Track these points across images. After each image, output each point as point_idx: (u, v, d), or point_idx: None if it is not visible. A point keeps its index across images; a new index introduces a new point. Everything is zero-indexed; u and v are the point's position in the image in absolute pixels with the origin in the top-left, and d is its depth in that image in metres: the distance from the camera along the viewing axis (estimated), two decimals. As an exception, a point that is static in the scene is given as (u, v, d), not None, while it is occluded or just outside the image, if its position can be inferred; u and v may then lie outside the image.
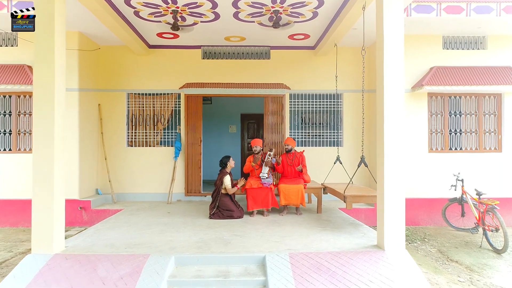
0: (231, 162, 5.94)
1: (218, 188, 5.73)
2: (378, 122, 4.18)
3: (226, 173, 5.79)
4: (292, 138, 6.34)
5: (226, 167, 5.88)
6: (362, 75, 7.67)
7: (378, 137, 4.17)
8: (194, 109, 7.67)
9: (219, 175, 5.83)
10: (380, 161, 4.09)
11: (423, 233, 6.38)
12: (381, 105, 4.10)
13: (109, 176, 7.46)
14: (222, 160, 5.91)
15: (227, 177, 5.73)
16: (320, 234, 4.76)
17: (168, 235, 4.72)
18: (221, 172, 5.86)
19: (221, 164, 5.89)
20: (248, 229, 5.05)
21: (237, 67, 7.80)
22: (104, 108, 7.65)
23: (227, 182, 5.72)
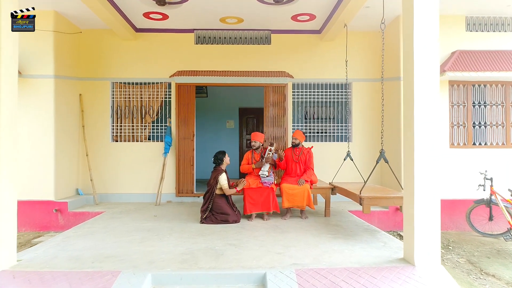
0: (226, 159, 5.15)
1: (211, 188, 4.94)
2: (406, 114, 3.39)
3: (222, 171, 5.00)
4: (301, 132, 5.53)
5: (221, 164, 5.09)
6: (379, 60, 6.92)
7: (406, 131, 3.38)
8: (186, 100, 6.88)
9: (213, 173, 5.04)
10: (409, 158, 3.30)
11: (446, 240, 5.59)
12: (410, 94, 3.30)
13: (90, 174, 6.67)
14: (217, 156, 5.12)
15: (223, 176, 4.95)
16: (331, 243, 3.97)
17: (149, 245, 3.93)
18: (216, 170, 5.07)
19: (216, 161, 5.10)
20: (245, 236, 4.26)
21: (234, 53, 7.01)
22: (85, 98, 6.86)
23: (224, 181, 4.94)
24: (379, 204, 4.07)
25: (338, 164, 6.06)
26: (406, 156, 3.38)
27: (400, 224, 6.15)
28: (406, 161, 3.36)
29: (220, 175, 4.93)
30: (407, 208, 3.31)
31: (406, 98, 3.38)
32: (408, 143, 3.32)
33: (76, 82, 6.74)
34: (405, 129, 3.41)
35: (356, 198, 4.32)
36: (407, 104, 3.37)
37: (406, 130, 3.38)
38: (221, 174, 4.95)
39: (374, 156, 6.94)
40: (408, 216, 3.31)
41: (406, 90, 3.41)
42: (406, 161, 3.36)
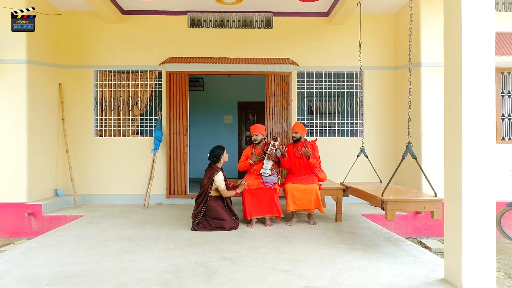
0: (224, 155, 4.42)
1: (206, 189, 4.21)
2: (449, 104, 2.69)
3: (218, 170, 4.28)
4: (302, 124, 4.82)
5: (218, 161, 4.37)
6: (392, 47, 6.10)
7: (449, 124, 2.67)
8: (178, 90, 6.15)
9: (208, 171, 4.32)
10: (453, 154, 2.60)
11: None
12: (455, 83, 2.60)
13: (71, 173, 5.94)
14: (214, 152, 4.38)
15: (219, 175, 4.22)
16: (349, 257, 3.25)
17: (126, 259, 3.21)
18: (210, 168, 4.34)
19: (212, 157, 4.37)
20: (244, 247, 3.54)
21: (232, 38, 6.28)
22: (66, 88, 6.13)
23: (220, 182, 4.21)
24: (406, 209, 3.36)
25: (348, 162, 5.35)
26: (448, 152, 2.67)
27: (420, 230, 5.43)
28: (449, 158, 2.65)
29: (215, 174, 4.21)
30: (451, 216, 2.59)
31: (450, 87, 2.68)
32: (453, 138, 2.61)
33: (55, 70, 6.01)
34: (447, 122, 2.71)
35: (376, 202, 3.60)
36: (451, 93, 2.66)
37: (449, 123, 2.67)
38: (217, 173, 4.22)
39: (388, 153, 6.24)
40: (452, 225, 2.58)
41: (449, 77, 2.70)
42: (449, 158, 2.65)
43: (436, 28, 5.50)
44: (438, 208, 3.27)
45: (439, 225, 5.40)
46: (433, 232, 5.38)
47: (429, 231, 5.38)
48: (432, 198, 3.29)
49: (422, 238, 5.32)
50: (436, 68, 5.52)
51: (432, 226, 5.40)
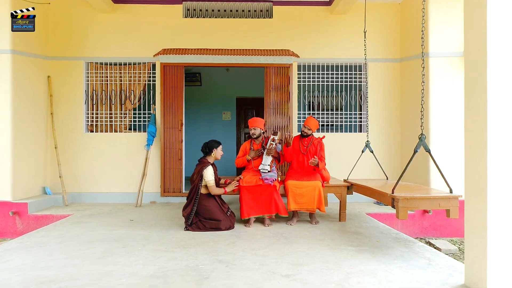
0: (218, 150, 4.12)
1: (195, 186, 3.92)
2: (470, 96, 2.39)
3: (208, 164, 3.98)
4: (315, 119, 4.51)
5: (209, 155, 4.07)
6: (397, 37, 5.75)
7: (471, 115, 2.38)
8: (173, 83, 5.85)
9: (198, 166, 4.02)
10: (476, 148, 2.30)
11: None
12: (479, 73, 2.29)
13: (60, 170, 5.63)
14: (208, 144, 4.09)
15: (208, 170, 3.92)
16: (356, 260, 2.95)
17: (111, 261, 2.91)
18: (201, 162, 4.05)
19: (204, 148, 4.08)
20: (240, 249, 3.24)
21: (230, 29, 5.98)
22: (55, 81, 5.82)
23: (209, 177, 3.91)
24: (419, 207, 3.06)
25: (351, 159, 5.07)
26: (470, 144, 2.38)
27: (428, 230, 5.14)
28: (471, 152, 2.35)
29: (205, 169, 3.91)
30: (474, 215, 2.29)
31: (471, 77, 2.38)
32: (476, 129, 2.31)
33: (44, 62, 5.71)
34: (468, 111, 2.41)
35: (386, 199, 3.30)
36: (472, 84, 2.36)
37: (471, 112, 2.38)
38: (207, 168, 3.92)
39: (393, 149, 5.94)
40: (475, 225, 2.29)
41: (470, 68, 2.40)
42: (471, 152, 2.35)
43: (445, 16, 5.23)
44: (455, 206, 2.98)
45: (448, 224, 5.11)
46: (442, 232, 5.08)
47: (437, 232, 5.09)
48: (448, 195, 3.00)
49: (431, 238, 5.02)
50: (445, 59, 5.23)
51: (441, 226, 5.10)
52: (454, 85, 5.22)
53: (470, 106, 2.38)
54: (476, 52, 2.30)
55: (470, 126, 2.38)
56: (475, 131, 2.31)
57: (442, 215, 5.12)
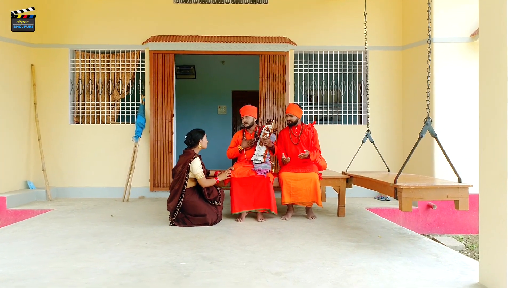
0: (204, 140, 3.83)
1: (181, 179, 3.62)
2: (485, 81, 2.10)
3: (195, 156, 3.68)
4: (297, 105, 4.23)
5: (195, 146, 3.78)
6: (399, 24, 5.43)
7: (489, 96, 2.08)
8: (163, 72, 5.55)
9: (182, 157, 3.73)
10: (494, 133, 2.02)
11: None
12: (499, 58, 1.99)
13: (43, 163, 5.34)
14: (192, 134, 3.80)
15: (196, 162, 3.63)
16: (355, 256, 2.66)
17: (83, 258, 2.62)
18: (186, 153, 3.76)
19: (189, 140, 3.78)
20: (228, 244, 2.95)
21: (223, 15, 5.69)
22: (39, 70, 5.53)
23: (198, 169, 3.62)
24: (424, 198, 2.76)
25: (350, 151, 4.78)
26: (486, 128, 2.08)
27: (432, 226, 4.85)
28: (487, 137, 2.06)
29: (192, 161, 3.61)
30: (491, 207, 2.00)
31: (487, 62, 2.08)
32: (493, 110, 2.01)
33: (26, 49, 5.42)
34: (484, 94, 2.11)
35: (388, 190, 3.01)
36: (489, 64, 2.06)
37: (487, 95, 2.08)
38: (194, 160, 3.62)
39: (394, 141, 5.66)
40: (492, 218, 1.99)
41: (485, 53, 2.10)
42: (487, 137, 2.06)
43: (450, 0, 4.94)
44: (464, 197, 2.69)
45: (454, 220, 4.82)
46: (447, 228, 4.79)
47: (442, 227, 4.80)
48: (457, 184, 2.71)
49: (435, 235, 4.73)
50: (450, 44, 4.94)
51: (446, 221, 4.81)
52: (460, 71, 4.94)
53: (486, 87, 2.09)
54: (494, 31, 2.01)
55: (486, 107, 2.08)
56: (494, 111, 2.01)
57: (447, 210, 4.83)
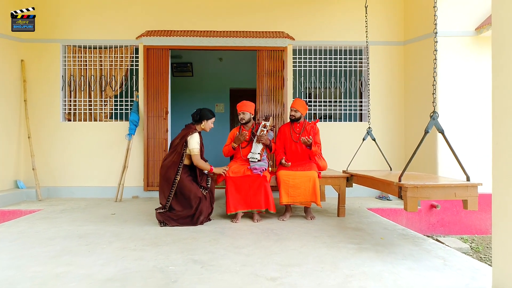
0: (209, 122, 3.66)
1: (177, 152, 3.45)
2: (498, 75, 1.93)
3: (195, 131, 3.53)
4: (303, 101, 4.05)
5: (198, 123, 3.63)
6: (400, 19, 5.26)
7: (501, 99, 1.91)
8: (157, 67, 5.38)
9: (183, 130, 3.58)
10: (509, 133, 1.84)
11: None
12: None
13: (33, 162, 5.17)
14: (201, 112, 3.63)
15: (194, 137, 3.48)
16: (357, 259, 2.49)
17: (65, 262, 2.44)
18: (187, 127, 3.61)
19: (196, 116, 3.62)
20: (222, 247, 2.78)
21: (220, 9, 5.52)
22: (29, 65, 5.36)
23: (195, 144, 3.46)
24: (431, 197, 2.59)
25: (350, 149, 4.62)
26: (499, 119, 1.90)
27: (436, 227, 4.67)
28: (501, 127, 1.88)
29: (191, 135, 3.46)
30: (506, 205, 1.82)
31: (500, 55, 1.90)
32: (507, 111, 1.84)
33: (16, 44, 5.25)
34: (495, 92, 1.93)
35: (391, 189, 2.84)
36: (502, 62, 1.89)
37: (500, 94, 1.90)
38: (193, 134, 3.48)
39: (396, 139, 5.49)
40: (508, 218, 1.82)
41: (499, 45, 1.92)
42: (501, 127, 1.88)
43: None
44: (473, 196, 2.52)
45: (458, 220, 4.65)
46: (451, 229, 4.62)
47: (446, 228, 4.63)
48: (466, 183, 2.53)
49: (439, 236, 4.56)
50: (453, 38, 4.79)
51: (450, 222, 4.64)
52: (464, 66, 4.78)
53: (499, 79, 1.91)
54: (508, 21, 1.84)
55: (499, 101, 1.90)
56: (508, 106, 1.84)
57: (451, 210, 4.66)
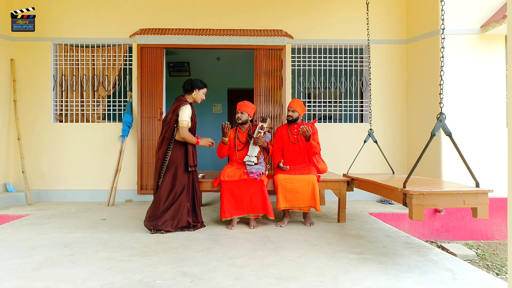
0: (200, 92, 3.49)
1: (171, 127, 3.34)
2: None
3: (186, 103, 3.39)
4: (301, 101, 3.89)
5: (189, 93, 3.47)
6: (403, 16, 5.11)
7: None
8: (152, 67, 5.21)
9: (174, 104, 3.43)
10: None
11: None
12: None
13: (23, 165, 5.00)
14: (192, 82, 3.48)
15: (186, 109, 3.34)
16: (358, 272, 2.31)
17: (45, 275, 2.27)
18: (178, 99, 3.47)
19: (187, 85, 3.47)
20: (215, 257, 2.60)
21: (216, 6, 5.35)
22: (19, 65, 5.19)
23: (186, 116, 3.32)
24: (438, 205, 2.42)
25: (351, 152, 4.48)
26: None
27: (440, 232, 4.50)
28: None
29: (183, 106, 3.33)
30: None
31: None
32: None
33: (6, 43, 5.08)
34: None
35: (395, 195, 2.67)
36: None
37: None
38: (185, 105, 3.35)
39: (397, 142, 5.32)
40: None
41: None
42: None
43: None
44: (484, 204, 2.35)
45: (463, 226, 4.48)
46: (456, 234, 4.45)
47: (450, 234, 4.46)
48: (476, 189, 2.36)
49: (443, 241, 4.39)
50: (457, 36, 4.61)
51: (454, 227, 4.47)
52: (469, 65, 4.62)
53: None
54: None
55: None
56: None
57: (456, 215, 4.49)
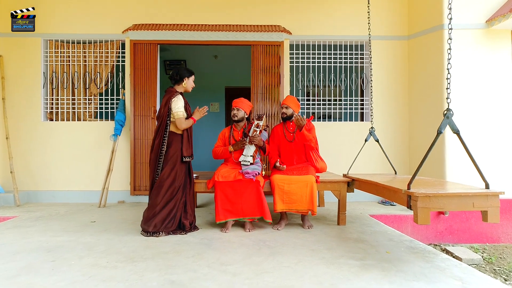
0: (189, 81, 3.38)
1: (164, 120, 3.21)
2: None
3: (177, 93, 3.26)
4: (295, 98, 3.74)
5: (179, 84, 3.34)
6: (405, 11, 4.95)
7: None
8: (145, 63, 5.04)
9: (165, 96, 3.28)
10: None
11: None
12: None
13: (11, 165, 4.82)
14: (179, 71, 3.34)
15: (178, 100, 3.21)
16: (360, 280, 2.15)
17: (23, 283, 2.10)
18: (168, 91, 3.33)
19: (176, 76, 3.33)
20: (206, 263, 2.43)
21: (212, 1, 5.18)
22: (8, 61, 5.02)
23: (179, 108, 3.19)
24: (445, 208, 2.26)
25: (351, 151, 4.35)
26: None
27: (444, 235, 4.34)
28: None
29: (174, 98, 3.19)
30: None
31: None
32: None
33: (-6, 39, 4.91)
34: None
35: (399, 197, 2.50)
36: None
37: None
38: (176, 96, 3.22)
39: (400, 141, 5.15)
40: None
41: None
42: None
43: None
44: (495, 207, 2.18)
45: (468, 228, 4.32)
46: (460, 237, 4.29)
47: (455, 236, 4.29)
48: (486, 191, 2.20)
49: (447, 244, 4.23)
50: (461, 31, 4.44)
51: (459, 230, 4.30)
52: (474, 60, 4.45)
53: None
54: None
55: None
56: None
57: (460, 217, 4.33)
